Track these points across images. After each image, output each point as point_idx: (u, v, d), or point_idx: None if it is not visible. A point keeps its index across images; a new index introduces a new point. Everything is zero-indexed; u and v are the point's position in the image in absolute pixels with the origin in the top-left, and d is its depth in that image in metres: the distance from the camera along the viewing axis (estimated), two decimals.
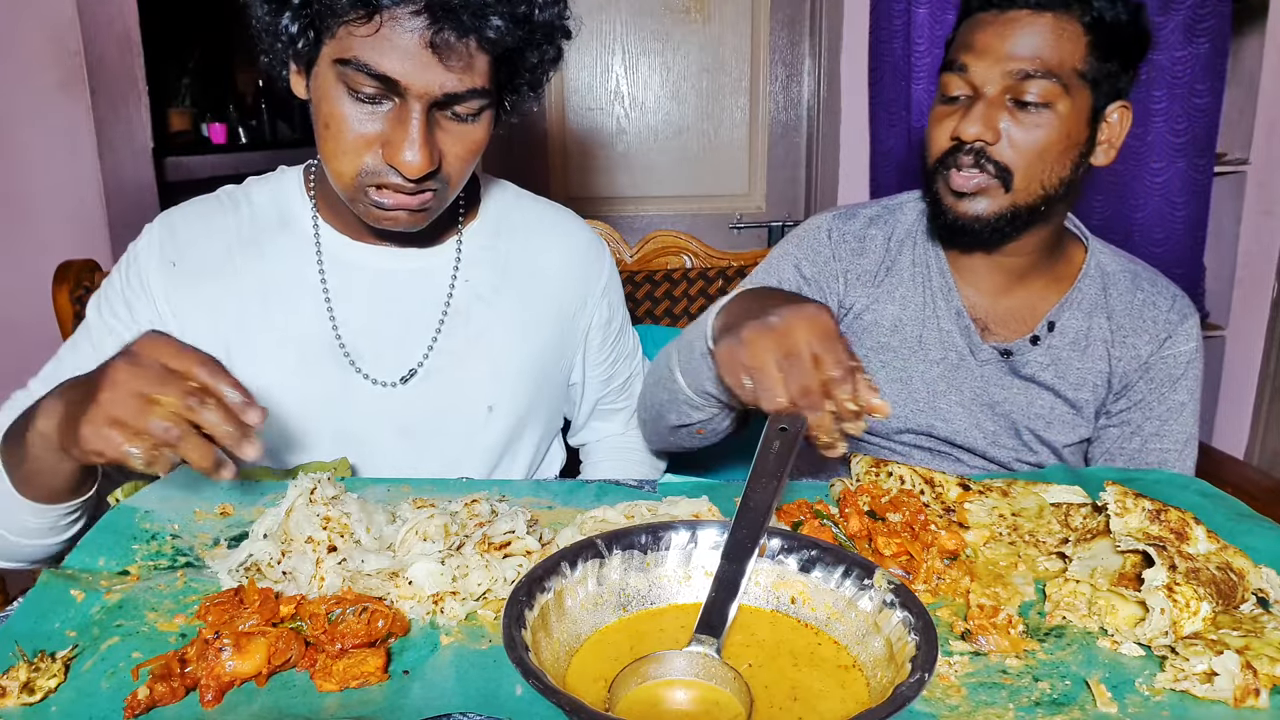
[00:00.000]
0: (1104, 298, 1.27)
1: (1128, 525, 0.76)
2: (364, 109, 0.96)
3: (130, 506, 0.87)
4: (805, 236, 1.36)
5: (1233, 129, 2.58)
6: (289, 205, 1.17)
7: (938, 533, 0.81)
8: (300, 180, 1.18)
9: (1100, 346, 1.25)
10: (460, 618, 0.70)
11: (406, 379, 1.15)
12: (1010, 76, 1.12)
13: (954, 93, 1.17)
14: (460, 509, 0.84)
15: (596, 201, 2.80)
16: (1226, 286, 2.67)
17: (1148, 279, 1.29)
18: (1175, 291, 1.29)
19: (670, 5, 2.67)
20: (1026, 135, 1.13)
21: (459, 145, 1.01)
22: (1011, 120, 1.13)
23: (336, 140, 0.98)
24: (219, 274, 1.12)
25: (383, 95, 0.95)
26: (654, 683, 0.60)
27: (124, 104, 2.48)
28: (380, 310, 1.15)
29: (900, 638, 0.60)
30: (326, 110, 0.98)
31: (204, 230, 1.14)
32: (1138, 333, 1.25)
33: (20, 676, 0.61)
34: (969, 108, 1.14)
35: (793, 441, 0.77)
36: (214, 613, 0.67)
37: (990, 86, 1.13)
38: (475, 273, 1.20)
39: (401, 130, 0.95)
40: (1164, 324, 1.25)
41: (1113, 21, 1.12)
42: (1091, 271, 1.28)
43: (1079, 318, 1.26)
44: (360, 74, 0.93)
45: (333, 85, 0.96)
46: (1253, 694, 0.61)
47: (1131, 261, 1.31)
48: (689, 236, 1.80)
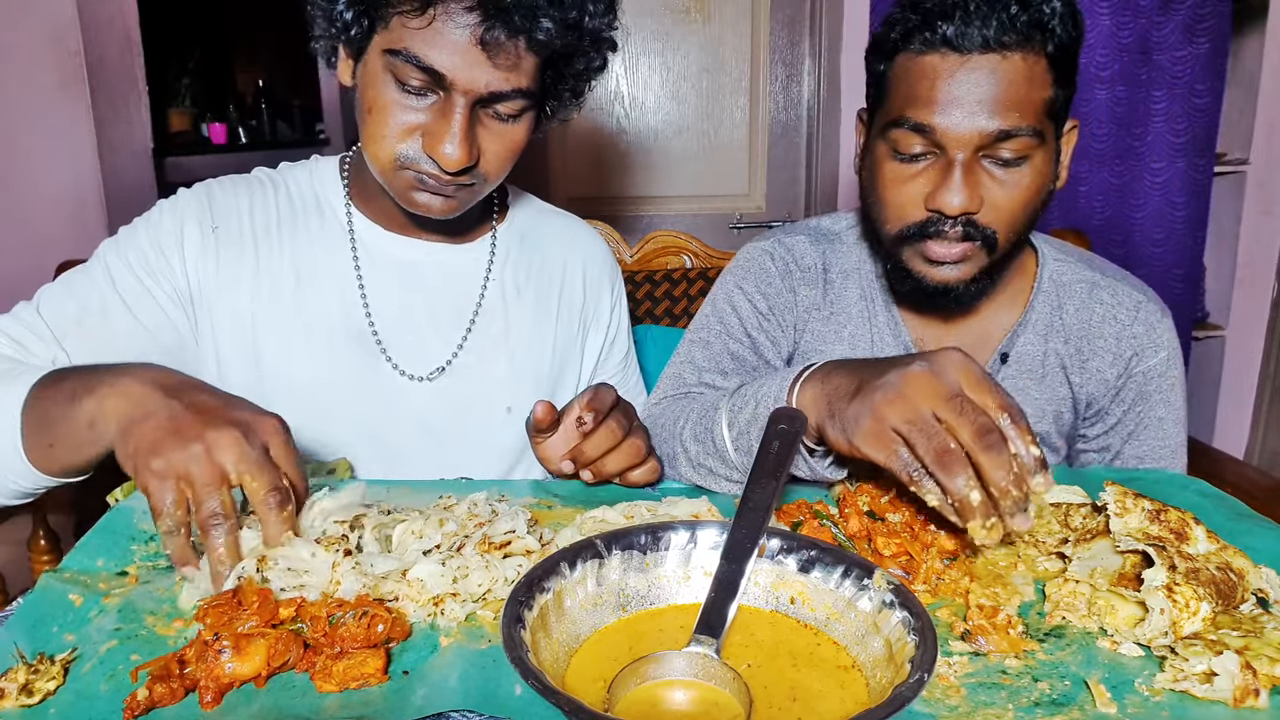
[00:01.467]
0: (1059, 316, 1.17)
1: (1127, 525, 0.76)
2: (409, 99, 0.98)
3: (129, 507, 0.87)
4: (749, 268, 1.26)
5: (1233, 129, 2.58)
6: (325, 192, 1.18)
7: (937, 533, 0.81)
8: (336, 169, 1.19)
9: (1059, 372, 1.17)
10: (460, 619, 0.70)
11: (436, 374, 1.16)
12: (987, 137, 0.98)
13: (912, 151, 1.02)
14: (462, 509, 0.84)
15: (596, 201, 2.80)
16: (1226, 286, 2.68)
17: (1106, 288, 1.17)
18: (1139, 298, 1.17)
19: (670, 5, 2.67)
20: (1008, 195, 1.01)
21: (498, 144, 1.02)
22: (991, 181, 1.01)
23: (379, 125, 0.99)
24: (257, 247, 1.12)
25: (428, 87, 0.97)
26: (653, 683, 0.60)
27: (124, 104, 2.48)
28: (413, 302, 1.16)
29: (900, 638, 0.60)
30: (372, 96, 0.99)
31: (245, 204, 1.14)
32: (1099, 354, 1.16)
33: (19, 679, 0.61)
34: (943, 172, 1.00)
35: (793, 441, 0.77)
36: (213, 614, 0.67)
37: (963, 150, 0.99)
38: (505, 273, 1.22)
39: (444, 123, 0.97)
40: (1128, 340, 1.15)
41: (1071, 43, 1.00)
42: (1045, 286, 1.17)
43: (1034, 342, 1.16)
44: (409, 65, 0.95)
45: (380, 73, 0.98)
46: (1252, 694, 0.61)
47: (1089, 267, 1.20)
48: (689, 236, 1.80)
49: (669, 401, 1.21)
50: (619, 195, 2.82)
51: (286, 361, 1.11)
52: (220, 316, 1.10)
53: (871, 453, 0.76)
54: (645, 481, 1.00)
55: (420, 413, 1.15)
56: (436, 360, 1.16)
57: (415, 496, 0.90)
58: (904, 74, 1.02)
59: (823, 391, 0.84)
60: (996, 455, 0.70)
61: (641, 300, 1.78)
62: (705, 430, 1.01)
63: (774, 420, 0.80)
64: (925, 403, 0.73)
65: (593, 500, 0.95)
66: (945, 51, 0.98)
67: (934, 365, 0.75)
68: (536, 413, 0.95)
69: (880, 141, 1.06)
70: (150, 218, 1.12)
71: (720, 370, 1.22)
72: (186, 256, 1.10)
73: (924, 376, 0.74)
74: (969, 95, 0.97)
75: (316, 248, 1.14)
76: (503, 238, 1.23)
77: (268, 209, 1.15)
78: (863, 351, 1.20)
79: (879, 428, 0.75)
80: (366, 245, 1.15)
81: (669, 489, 1.03)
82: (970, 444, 0.71)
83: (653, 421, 1.17)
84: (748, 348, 1.23)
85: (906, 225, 1.04)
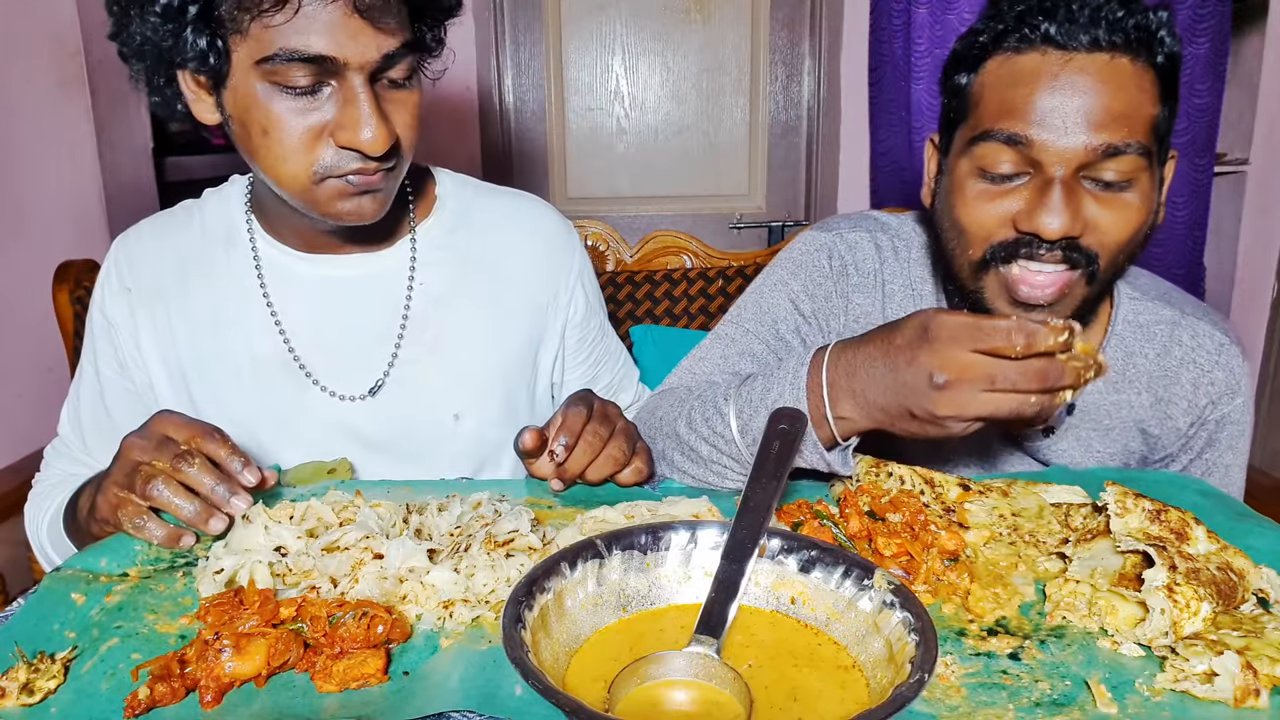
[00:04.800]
0: (1133, 365, 1.06)
1: (1128, 525, 0.76)
2: (301, 102, 0.90)
3: None
4: (802, 262, 1.15)
5: (1233, 129, 2.59)
6: (231, 219, 1.14)
7: (938, 533, 0.81)
8: (243, 192, 1.15)
9: (1131, 426, 1.07)
10: (467, 622, 0.70)
11: (374, 392, 1.11)
12: (1094, 152, 0.86)
13: (1003, 169, 0.90)
14: (466, 510, 0.84)
15: (596, 201, 2.80)
16: (1226, 286, 2.68)
17: (1187, 328, 1.06)
18: (1221, 339, 1.06)
19: (670, 5, 2.68)
20: (1114, 220, 0.88)
21: (404, 113, 0.96)
22: (1095, 203, 0.88)
23: (282, 143, 0.92)
24: (171, 296, 1.12)
25: (319, 82, 0.90)
26: (654, 683, 0.60)
27: (124, 104, 2.48)
28: (331, 322, 1.11)
29: (900, 638, 0.60)
30: (260, 116, 0.91)
31: (156, 250, 1.14)
32: (1173, 402, 1.06)
33: (20, 677, 0.61)
34: (1040, 191, 0.88)
35: (793, 441, 0.77)
36: (214, 614, 0.67)
37: (1060, 167, 0.87)
38: (432, 274, 1.14)
39: (352, 110, 0.90)
40: (1205, 388, 1.05)
41: (1176, 57, 0.89)
42: (1119, 329, 1.06)
43: (1104, 393, 1.06)
44: (292, 64, 0.87)
45: (258, 88, 0.90)
46: (1253, 694, 0.61)
47: (1167, 304, 1.08)
48: (689, 236, 1.80)
49: (666, 395, 1.16)
50: (619, 195, 2.83)
51: (218, 402, 1.10)
52: (154, 369, 1.13)
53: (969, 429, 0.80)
54: (633, 482, 0.99)
55: (361, 433, 1.11)
56: (369, 378, 1.11)
57: (416, 497, 0.90)
58: (995, 80, 0.90)
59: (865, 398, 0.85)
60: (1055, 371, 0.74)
61: (641, 300, 1.78)
62: (715, 434, 0.98)
63: (774, 420, 0.80)
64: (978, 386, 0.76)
65: (593, 500, 0.95)
66: (1046, 50, 0.87)
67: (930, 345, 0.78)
68: (524, 441, 0.92)
69: (962, 160, 0.94)
70: (92, 301, 1.17)
71: (732, 370, 1.16)
72: (119, 327, 1.13)
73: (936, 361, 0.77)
74: (1076, 101, 0.86)
75: (229, 282, 1.11)
76: (424, 236, 1.14)
77: (180, 251, 1.13)
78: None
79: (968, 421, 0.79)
80: (274, 270, 1.11)
81: (669, 489, 1.03)
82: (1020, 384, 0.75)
83: (643, 410, 1.16)
84: (770, 351, 1.15)
85: (992, 246, 0.92)
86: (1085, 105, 0.86)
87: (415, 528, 0.82)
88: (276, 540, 0.77)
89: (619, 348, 1.35)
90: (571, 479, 0.96)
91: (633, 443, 0.99)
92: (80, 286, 1.62)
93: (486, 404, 1.15)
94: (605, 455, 0.95)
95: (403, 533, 0.80)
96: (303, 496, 0.86)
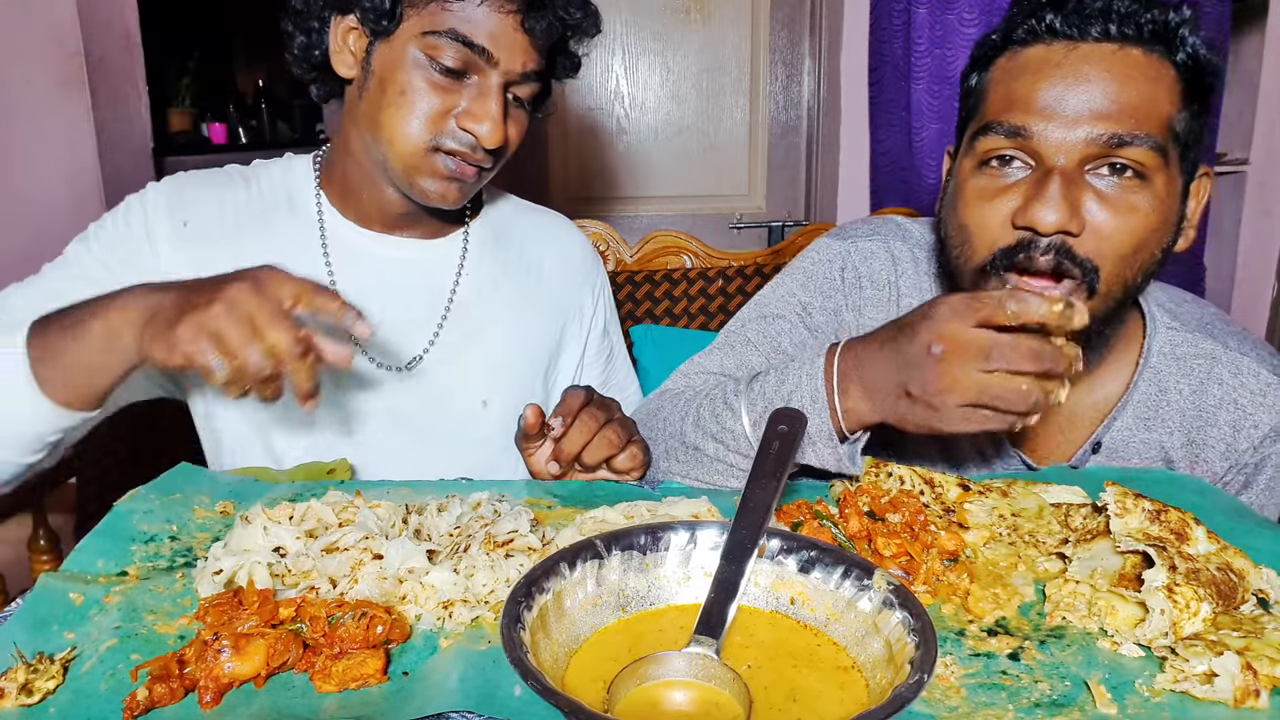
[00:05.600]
0: (1166, 401, 0.98)
1: (1128, 526, 0.76)
2: (444, 81, 1.02)
3: (129, 509, 0.87)
4: (814, 273, 1.11)
5: (1233, 129, 2.58)
6: (297, 188, 1.18)
7: (937, 533, 0.81)
8: (309, 165, 1.20)
9: (1160, 465, 1.00)
10: (466, 622, 0.70)
11: (412, 365, 1.17)
12: (1096, 143, 0.82)
13: (1001, 153, 0.88)
14: (465, 510, 0.84)
15: (596, 201, 2.80)
16: (1226, 286, 2.68)
17: (1228, 364, 0.97)
18: (1268, 380, 0.96)
19: (670, 5, 2.67)
20: (1119, 223, 0.83)
21: (514, 128, 1.08)
22: (1098, 202, 0.84)
23: (415, 106, 1.02)
24: (227, 243, 1.13)
25: (465, 70, 1.01)
26: (653, 684, 0.60)
27: (124, 104, 2.48)
28: (386, 297, 1.17)
29: (899, 639, 0.60)
30: (404, 79, 1.02)
31: (214, 198, 1.15)
32: (1211, 444, 0.98)
33: (18, 678, 0.61)
34: (1038, 184, 0.84)
35: (793, 441, 0.77)
36: (213, 614, 0.67)
37: (1065, 156, 0.83)
38: (477, 269, 1.23)
39: (484, 103, 1.02)
40: (1247, 431, 0.96)
41: (1205, 64, 0.85)
42: (1153, 361, 0.99)
43: (1134, 429, 1.00)
44: (454, 44, 0.99)
45: (411, 55, 1.01)
46: (1253, 695, 0.61)
47: (1209, 335, 0.99)
48: (689, 236, 1.80)
49: (667, 397, 1.16)
50: (619, 195, 2.83)
51: None
52: None
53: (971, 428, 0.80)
54: (628, 469, 1.01)
55: (396, 405, 1.17)
56: (411, 353, 1.18)
57: (415, 498, 0.90)
58: (1002, 75, 0.89)
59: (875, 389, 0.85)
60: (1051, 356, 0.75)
61: (641, 300, 1.78)
62: (724, 429, 0.96)
63: (774, 420, 0.80)
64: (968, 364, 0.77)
65: (592, 500, 0.95)
66: (1051, 40, 0.85)
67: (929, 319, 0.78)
68: (526, 417, 0.97)
69: (966, 159, 0.92)
70: (118, 212, 1.13)
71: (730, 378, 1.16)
72: (158, 251, 1.11)
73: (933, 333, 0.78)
74: (1075, 91, 0.83)
75: (288, 245, 1.15)
76: (475, 233, 1.24)
77: (238, 205, 1.15)
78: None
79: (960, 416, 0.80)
80: (338, 240, 1.16)
81: (669, 489, 1.03)
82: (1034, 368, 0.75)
83: (640, 411, 1.17)
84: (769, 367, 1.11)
85: (993, 252, 0.89)
86: (1089, 94, 0.83)
87: (414, 528, 0.82)
88: (275, 541, 0.77)
89: (629, 370, 1.43)
90: (568, 460, 0.99)
91: (630, 432, 1.02)
92: None
93: (514, 393, 1.23)
94: (601, 437, 0.98)
95: (402, 533, 0.80)
96: (302, 497, 0.86)
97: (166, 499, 0.90)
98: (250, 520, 0.79)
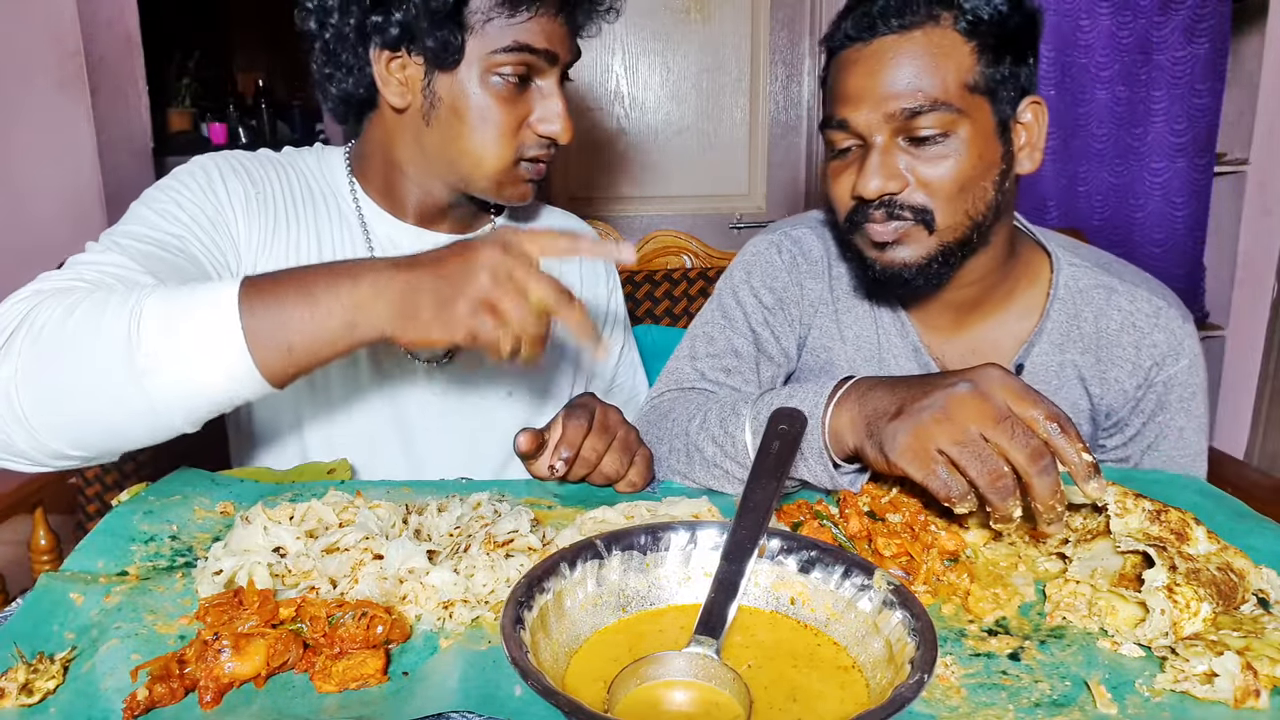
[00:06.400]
0: (1076, 325, 1.13)
1: (1128, 526, 0.76)
2: (512, 94, 1.05)
3: (129, 509, 0.87)
4: (756, 261, 1.25)
5: (1233, 129, 2.58)
6: (333, 180, 1.19)
7: (937, 533, 0.81)
8: (342, 160, 1.20)
9: (1076, 384, 1.14)
10: (467, 622, 0.70)
11: (450, 358, 1.18)
12: (896, 119, 0.98)
13: (842, 145, 1.05)
14: (466, 510, 0.84)
15: (596, 201, 2.80)
16: (1226, 286, 2.68)
17: (1125, 293, 1.13)
18: (1159, 303, 1.12)
19: (670, 5, 2.67)
20: (934, 171, 1.00)
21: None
22: (912, 160, 1.00)
23: (498, 126, 1.05)
24: (288, 220, 1.13)
25: (529, 75, 1.05)
26: (653, 684, 0.60)
27: (124, 104, 2.48)
28: None
29: (900, 639, 0.60)
30: (479, 102, 1.04)
31: (273, 175, 1.14)
32: (1118, 364, 1.12)
33: (19, 678, 0.61)
34: (862, 161, 1.02)
35: (793, 442, 0.77)
36: (213, 614, 0.67)
37: (878, 134, 1.00)
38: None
39: (552, 103, 1.07)
40: (1147, 349, 1.11)
41: (992, 17, 0.98)
42: (1060, 294, 1.14)
43: (1049, 353, 1.13)
44: (521, 54, 1.03)
45: (481, 77, 1.04)
46: (1253, 695, 0.61)
47: (1105, 271, 1.15)
48: (689, 236, 1.80)
49: (671, 397, 1.21)
50: (619, 195, 2.82)
51: None
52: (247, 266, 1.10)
53: (911, 470, 0.77)
54: (626, 492, 1.00)
55: (433, 395, 1.18)
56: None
57: (415, 498, 0.90)
58: (831, 76, 1.06)
59: (861, 413, 0.85)
60: (1049, 478, 0.72)
61: (641, 300, 1.78)
62: (726, 434, 0.99)
63: (774, 420, 0.80)
64: (974, 424, 0.74)
65: (593, 500, 0.95)
66: (850, 45, 1.02)
67: (978, 385, 0.76)
68: (520, 444, 0.96)
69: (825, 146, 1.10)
70: (193, 171, 1.07)
71: (723, 368, 1.22)
72: (236, 213, 1.08)
73: (971, 398, 0.75)
74: (871, 81, 0.99)
75: (334, 231, 1.16)
76: (502, 225, 1.27)
77: (285, 185, 1.15)
78: (868, 351, 1.19)
79: (921, 446, 0.76)
80: (380, 234, 1.17)
81: (669, 489, 1.03)
82: (1024, 467, 0.72)
83: (652, 412, 1.18)
84: (750, 342, 1.23)
85: (845, 218, 1.07)
86: (880, 80, 0.99)
87: (415, 528, 0.82)
88: (275, 541, 0.77)
89: (637, 365, 1.43)
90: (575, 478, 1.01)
91: (631, 454, 1.00)
92: None
93: (535, 385, 1.25)
94: (598, 472, 0.99)
95: (402, 533, 0.80)
96: (302, 497, 0.86)
97: (166, 499, 0.90)
98: (250, 520, 0.79)
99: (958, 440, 0.74)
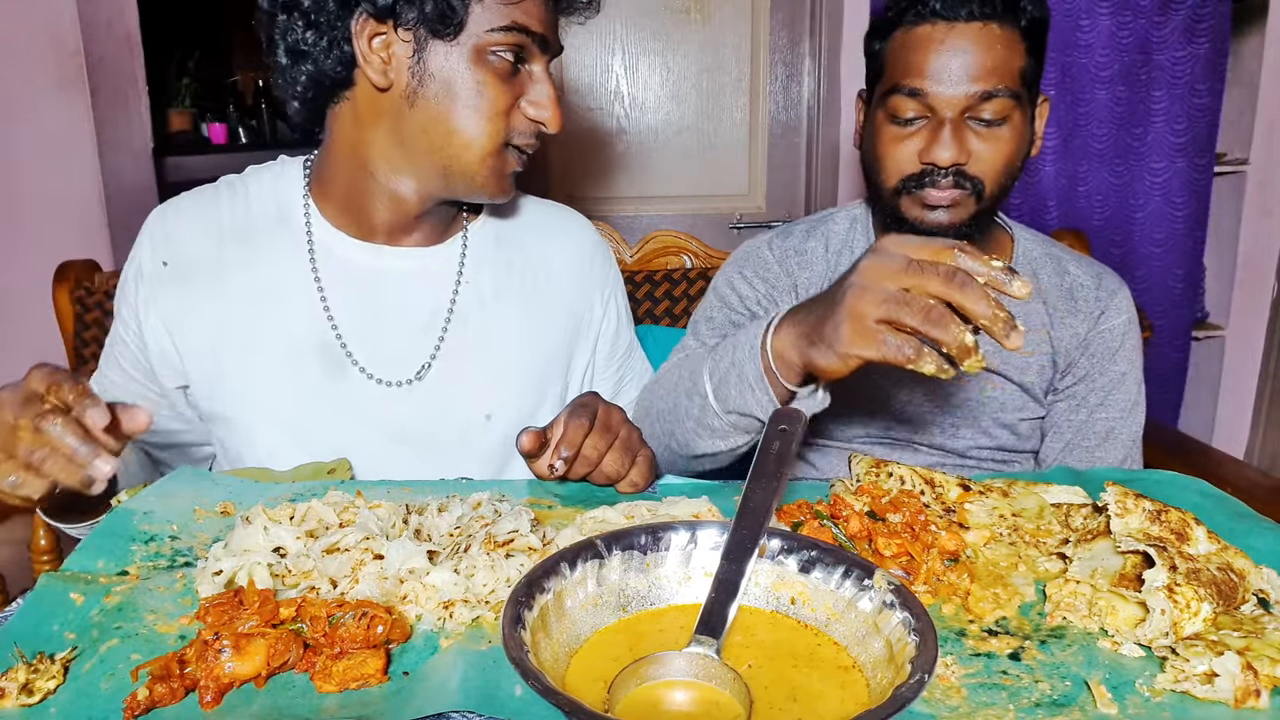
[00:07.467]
0: (1035, 283, 1.29)
1: (1128, 526, 0.76)
2: (506, 74, 1.03)
3: (129, 508, 0.87)
4: (746, 257, 1.36)
5: (1233, 129, 2.58)
6: (287, 198, 1.14)
7: (938, 533, 0.81)
8: (300, 172, 1.16)
9: (1040, 331, 1.29)
10: (467, 622, 0.70)
11: (412, 381, 1.13)
12: (972, 98, 1.12)
13: (907, 115, 1.16)
14: (466, 510, 0.84)
15: (596, 201, 2.80)
16: (1226, 286, 2.67)
17: (1071, 261, 1.33)
18: (1099, 269, 1.33)
19: (670, 5, 2.67)
20: (994, 150, 1.15)
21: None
22: (976, 139, 1.14)
23: (492, 104, 1.03)
24: (208, 274, 1.11)
25: (520, 58, 1.04)
26: (653, 683, 0.60)
27: (124, 104, 2.47)
28: (379, 309, 1.13)
29: (900, 639, 0.60)
30: (476, 78, 1.02)
31: (197, 225, 1.12)
32: (1072, 313, 1.29)
33: (19, 678, 0.61)
34: (934, 131, 1.14)
35: (793, 441, 0.77)
36: (213, 614, 0.67)
37: (951, 109, 1.13)
38: (479, 273, 1.18)
39: (544, 88, 1.06)
40: (1094, 302, 1.29)
41: (1040, 20, 1.14)
42: (1020, 260, 1.32)
43: (1017, 305, 1.25)
44: (518, 35, 1.02)
45: (474, 58, 1.02)
46: (1253, 695, 0.61)
47: (1051, 245, 1.36)
48: (689, 236, 1.80)
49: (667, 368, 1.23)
50: (619, 195, 2.82)
51: (249, 381, 1.09)
52: (184, 346, 1.10)
53: (862, 351, 0.81)
54: (627, 493, 0.99)
55: (396, 420, 1.12)
56: (411, 367, 1.13)
57: (415, 498, 0.90)
58: (900, 47, 1.16)
59: (798, 330, 0.91)
60: (972, 290, 0.75)
61: (641, 300, 1.78)
62: (694, 385, 1.06)
63: (774, 420, 0.80)
64: (888, 281, 0.79)
65: (593, 500, 0.95)
66: (935, 22, 1.12)
67: (876, 251, 0.82)
68: (522, 443, 0.93)
69: (879, 110, 1.20)
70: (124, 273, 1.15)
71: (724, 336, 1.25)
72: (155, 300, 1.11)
73: (875, 264, 0.80)
74: (956, 60, 1.11)
75: (276, 262, 1.11)
76: (475, 237, 1.19)
77: (221, 226, 1.12)
78: None
79: (860, 325, 0.81)
80: (328, 252, 1.12)
81: (669, 489, 1.03)
82: (944, 292, 0.76)
83: (651, 392, 1.19)
84: (748, 319, 1.28)
85: (904, 178, 1.18)
86: (965, 62, 1.11)
87: (415, 528, 0.82)
88: (276, 541, 0.77)
89: (645, 366, 1.38)
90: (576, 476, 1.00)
91: (632, 454, 0.99)
92: (80, 286, 1.62)
93: (519, 405, 1.18)
94: (599, 472, 0.98)
95: (402, 533, 0.80)
96: (303, 497, 0.86)
97: (167, 499, 0.90)
98: (251, 520, 0.79)
99: (883, 300, 0.79)
